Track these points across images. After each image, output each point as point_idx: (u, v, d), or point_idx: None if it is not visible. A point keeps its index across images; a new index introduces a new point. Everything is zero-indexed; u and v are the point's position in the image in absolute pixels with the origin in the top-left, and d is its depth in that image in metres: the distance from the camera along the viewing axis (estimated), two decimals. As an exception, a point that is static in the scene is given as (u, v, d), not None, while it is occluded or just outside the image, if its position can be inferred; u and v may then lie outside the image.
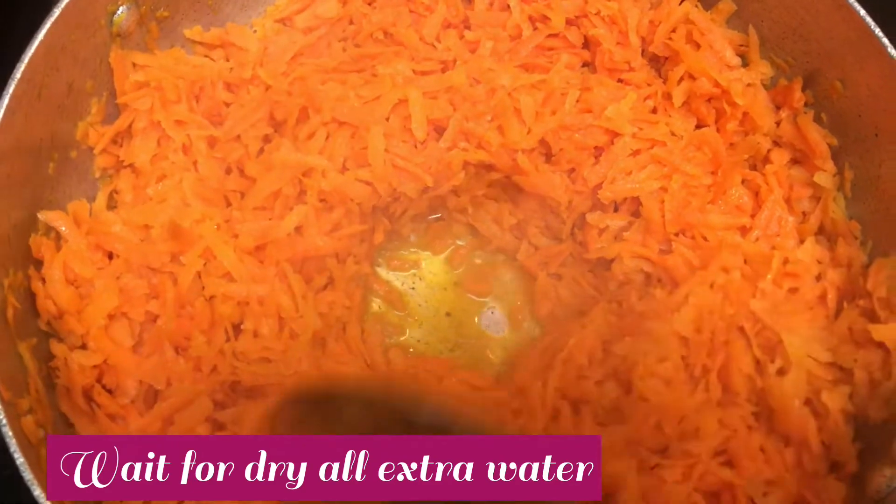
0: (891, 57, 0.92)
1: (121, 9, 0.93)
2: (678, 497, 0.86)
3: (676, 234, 1.00)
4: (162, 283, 0.89)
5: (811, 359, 0.91)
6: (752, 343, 0.91)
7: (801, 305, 0.95)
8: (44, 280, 0.86)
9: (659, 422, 0.87)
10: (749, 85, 1.04)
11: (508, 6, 1.07)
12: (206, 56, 1.05)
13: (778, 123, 1.04)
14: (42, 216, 0.88)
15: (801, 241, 0.99)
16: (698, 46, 1.05)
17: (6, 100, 0.80)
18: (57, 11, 0.84)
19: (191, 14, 1.03)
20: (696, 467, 0.87)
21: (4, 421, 0.71)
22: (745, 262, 0.97)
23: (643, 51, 1.08)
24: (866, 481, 0.86)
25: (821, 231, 1.00)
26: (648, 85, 1.05)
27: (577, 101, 1.02)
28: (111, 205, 0.96)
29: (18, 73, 0.81)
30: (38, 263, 0.87)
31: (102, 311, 0.86)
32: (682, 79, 1.04)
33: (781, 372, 0.91)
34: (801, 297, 0.95)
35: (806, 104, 1.03)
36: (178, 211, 0.91)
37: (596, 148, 1.03)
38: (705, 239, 0.98)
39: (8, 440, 0.70)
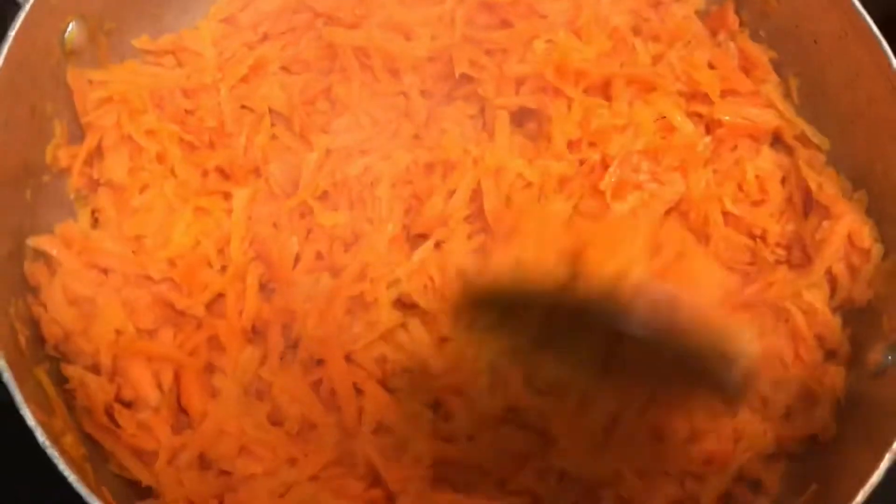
0: (822, -35, 0.97)
1: (70, 25, 0.92)
2: None
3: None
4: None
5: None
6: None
7: (775, 211, 1.00)
8: (45, 305, 0.85)
9: None
10: (685, 18, 1.09)
11: None
12: (157, 64, 1.04)
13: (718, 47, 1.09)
14: (31, 242, 0.87)
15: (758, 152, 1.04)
16: None
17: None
18: (11, 34, 0.83)
19: (136, 24, 1.02)
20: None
21: (48, 443, 0.70)
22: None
23: None
24: (863, 361, 0.91)
25: (777, 139, 1.04)
26: None
27: None
28: (93, 224, 0.95)
29: (-16, 104, 0.80)
30: (36, 290, 0.86)
31: (110, 327, 0.85)
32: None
33: (766, 278, 0.96)
34: (771, 204, 1.00)
35: (742, 24, 1.08)
36: (167, 217, 0.91)
37: None
38: None
39: (55, 460, 0.70)
